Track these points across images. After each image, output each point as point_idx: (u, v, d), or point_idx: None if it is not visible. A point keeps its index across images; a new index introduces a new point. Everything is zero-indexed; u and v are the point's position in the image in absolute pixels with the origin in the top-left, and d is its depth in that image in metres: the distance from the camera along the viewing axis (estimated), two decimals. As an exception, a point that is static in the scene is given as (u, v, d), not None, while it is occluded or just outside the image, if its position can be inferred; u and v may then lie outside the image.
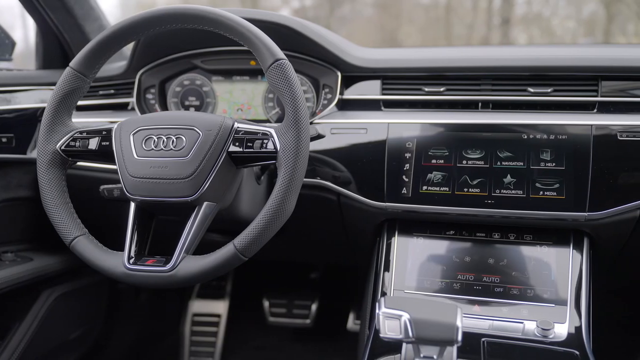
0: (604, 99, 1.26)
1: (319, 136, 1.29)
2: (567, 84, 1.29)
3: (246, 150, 1.06)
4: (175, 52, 1.51)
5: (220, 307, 2.23)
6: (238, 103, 1.51)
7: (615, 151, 1.18)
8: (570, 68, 1.28)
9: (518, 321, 1.12)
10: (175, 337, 2.21)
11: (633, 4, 9.78)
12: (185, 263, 1.02)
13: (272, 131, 1.05)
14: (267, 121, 1.48)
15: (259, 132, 1.06)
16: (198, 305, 2.24)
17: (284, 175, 1.00)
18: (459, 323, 0.89)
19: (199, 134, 1.06)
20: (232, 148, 1.06)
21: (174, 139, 1.06)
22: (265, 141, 1.05)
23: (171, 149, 1.06)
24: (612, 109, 1.25)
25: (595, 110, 1.26)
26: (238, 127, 1.07)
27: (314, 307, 2.17)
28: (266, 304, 2.20)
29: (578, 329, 1.10)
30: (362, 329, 1.35)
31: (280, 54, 1.04)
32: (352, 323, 2.11)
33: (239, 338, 2.21)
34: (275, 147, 1.03)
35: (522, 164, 1.21)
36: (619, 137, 1.19)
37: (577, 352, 1.03)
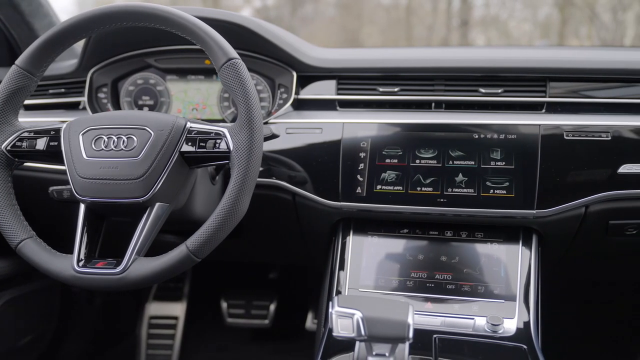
0: (551, 99, 1.29)
1: (273, 136, 1.29)
2: (516, 84, 1.32)
3: (199, 150, 1.05)
4: (128, 50, 1.48)
5: (177, 309, 2.20)
6: (193, 102, 1.49)
7: (561, 150, 1.22)
8: (519, 69, 1.31)
9: (469, 317, 1.15)
10: (132, 341, 2.17)
11: (585, 8, 10.09)
12: (137, 265, 1.00)
13: (225, 131, 1.04)
14: (223, 121, 1.47)
15: (212, 132, 1.05)
16: (155, 308, 2.21)
17: (236, 176, 1.00)
18: (410, 320, 0.90)
19: (151, 134, 1.04)
20: (185, 148, 1.05)
21: (125, 139, 1.05)
22: (218, 141, 1.04)
23: (122, 149, 1.04)
24: (559, 109, 1.29)
25: (543, 111, 1.29)
26: (191, 127, 1.06)
27: (272, 307, 2.16)
28: (224, 305, 2.19)
29: (526, 324, 1.13)
30: (318, 328, 1.36)
31: (233, 53, 1.04)
32: (310, 322, 2.12)
33: (196, 340, 2.18)
34: (228, 147, 1.03)
35: (473, 163, 1.24)
36: (565, 137, 1.22)
37: (525, 347, 1.05)
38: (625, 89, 1.31)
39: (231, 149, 1.02)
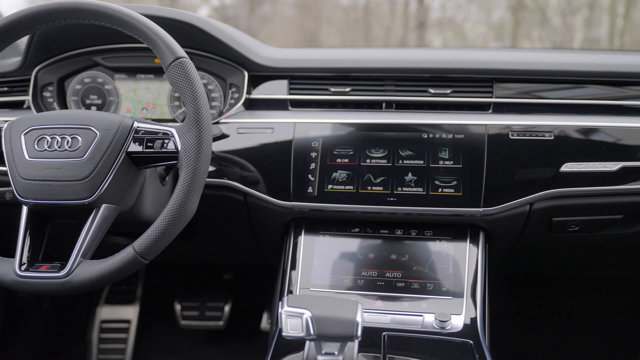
0: (498, 100, 1.33)
1: (223, 136, 1.28)
2: (464, 85, 1.35)
3: (146, 150, 1.04)
4: (74, 48, 1.44)
5: (130, 313, 2.16)
6: (143, 102, 1.47)
7: (507, 150, 1.25)
8: (466, 70, 1.34)
9: (418, 314, 1.16)
10: (82, 346, 2.11)
11: (536, 12, 10.38)
12: (82, 268, 0.98)
13: (173, 131, 1.03)
14: (174, 121, 1.45)
15: (160, 132, 1.04)
16: (106, 312, 2.16)
17: (185, 176, 0.99)
18: (358, 319, 0.91)
19: (96, 134, 1.02)
20: (132, 148, 1.04)
21: (69, 139, 1.02)
22: (166, 141, 1.03)
23: (66, 150, 1.02)
24: (505, 110, 1.32)
25: (490, 111, 1.32)
26: (138, 127, 1.05)
27: (226, 308, 2.15)
28: (178, 307, 2.16)
29: (473, 320, 1.15)
30: (271, 328, 1.36)
31: (180, 52, 1.03)
32: (265, 323, 2.11)
33: (150, 343, 2.15)
34: (176, 147, 1.02)
35: (422, 162, 1.26)
36: (510, 137, 1.26)
37: (472, 342, 1.08)
38: (569, 90, 1.35)
39: (179, 149, 1.01)
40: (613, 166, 1.24)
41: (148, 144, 1.04)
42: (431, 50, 1.58)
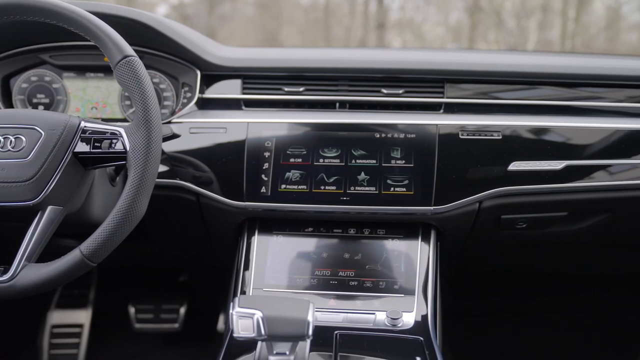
0: (449, 100, 1.35)
1: (174, 135, 1.27)
2: (416, 85, 1.37)
3: (94, 150, 1.02)
4: (20, 45, 1.40)
5: (82, 317, 2.10)
6: (92, 101, 1.43)
7: (457, 149, 1.27)
8: (418, 71, 1.36)
9: (370, 312, 1.17)
10: (32, 352, 2.05)
11: (492, 14, 10.61)
12: (27, 272, 0.95)
13: (122, 130, 1.02)
14: (125, 120, 1.43)
15: (108, 132, 1.02)
16: (58, 316, 2.10)
17: (133, 176, 0.97)
18: (310, 318, 0.91)
19: (41, 134, 1.00)
20: (79, 148, 1.02)
21: (12, 139, 1.00)
22: (114, 141, 1.02)
23: (9, 150, 0.99)
24: (456, 110, 1.35)
25: (441, 111, 1.35)
26: (85, 127, 1.03)
27: (182, 310, 2.12)
28: (132, 310, 2.12)
29: (424, 317, 1.17)
30: (226, 329, 1.35)
31: (129, 50, 1.01)
32: (222, 324, 2.09)
33: (103, 348, 2.10)
34: (124, 147, 1.00)
35: (374, 161, 1.27)
36: (460, 136, 1.28)
37: (422, 338, 1.09)
38: (520, 91, 1.39)
39: (127, 149, 1.00)
40: (558, 165, 1.28)
41: (95, 144, 1.02)
42: (384, 50, 1.60)
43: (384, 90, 1.36)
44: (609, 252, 1.67)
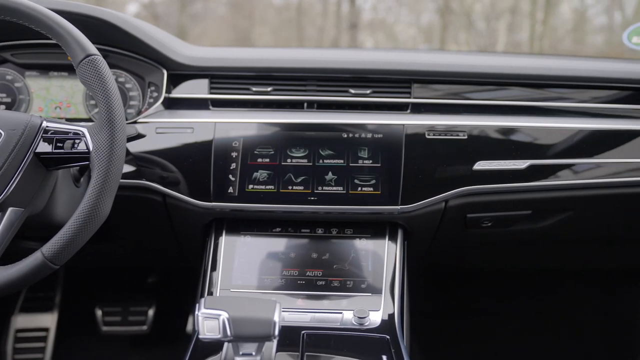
0: (415, 100, 1.36)
1: (139, 136, 1.25)
2: (384, 86, 1.38)
3: (56, 151, 1.00)
4: (-21, 43, 1.37)
5: (48, 320, 2.06)
6: (56, 101, 1.41)
7: (423, 149, 1.28)
8: (385, 71, 1.37)
9: (337, 312, 1.18)
10: (-5, 358, 2.01)
11: (463, 16, 10.74)
12: (-15, 275, 0.93)
13: (85, 130, 1.00)
14: (90, 120, 1.40)
15: (71, 132, 1.01)
16: (22, 320, 2.05)
17: (96, 177, 0.96)
18: (276, 318, 0.91)
19: (1, 134, 0.97)
20: (41, 149, 1.00)
21: None
22: (77, 141, 1.00)
23: None
24: (423, 110, 1.36)
25: (408, 111, 1.36)
26: (47, 126, 1.01)
27: (150, 312, 2.09)
28: (99, 312, 2.08)
29: (391, 316, 1.18)
30: (194, 331, 1.34)
31: (92, 49, 0.99)
32: (191, 326, 2.08)
33: (69, 352, 2.06)
34: (87, 148, 0.99)
35: (342, 161, 1.27)
36: (426, 136, 1.29)
37: (388, 337, 1.10)
38: (486, 92, 1.41)
39: (91, 149, 0.98)
40: (522, 164, 1.30)
41: (58, 144, 1.00)
42: (352, 51, 1.61)
43: (352, 91, 1.37)
44: (572, 250, 1.71)
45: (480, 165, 1.29)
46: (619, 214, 1.49)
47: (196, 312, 0.91)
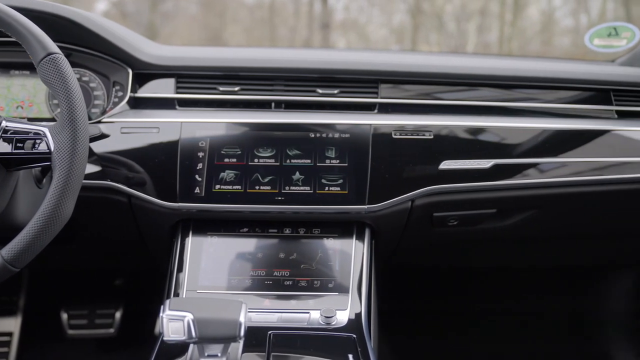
0: (383, 100, 1.37)
1: (102, 135, 1.24)
2: (351, 86, 1.38)
3: (16, 151, 0.98)
4: None
5: (11, 325, 2.01)
6: (17, 100, 1.38)
7: (389, 149, 1.29)
8: (352, 71, 1.38)
9: (304, 312, 1.18)
10: (-44, 364, 1.96)
11: (434, 17, 10.85)
12: (-57, 278, 0.91)
13: (46, 130, 0.98)
14: (53, 120, 1.38)
15: (31, 132, 0.99)
16: (-16, 325, 2.01)
17: (58, 178, 0.94)
18: (242, 319, 0.91)
19: None
20: (0, 149, 0.97)
21: None
22: (38, 141, 0.98)
23: None
24: (390, 110, 1.37)
25: (375, 111, 1.37)
26: (7, 126, 0.99)
27: (118, 314, 2.06)
28: (64, 316, 2.04)
29: (358, 315, 1.18)
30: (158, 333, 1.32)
31: (53, 47, 0.98)
32: (159, 328, 2.05)
33: (34, 357, 2.01)
34: (49, 148, 0.97)
35: (309, 161, 1.27)
36: (393, 136, 1.30)
37: (355, 336, 1.10)
38: (453, 93, 1.42)
39: (52, 149, 0.96)
40: (486, 163, 1.32)
41: (18, 144, 0.98)
42: (320, 51, 1.61)
43: (320, 91, 1.37)
44: (538, 247, 1.74)
45: (445, 165, 1.30)
46: (582, 211, 1.53)
47: (161, 314, 0.91)
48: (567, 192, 1.41)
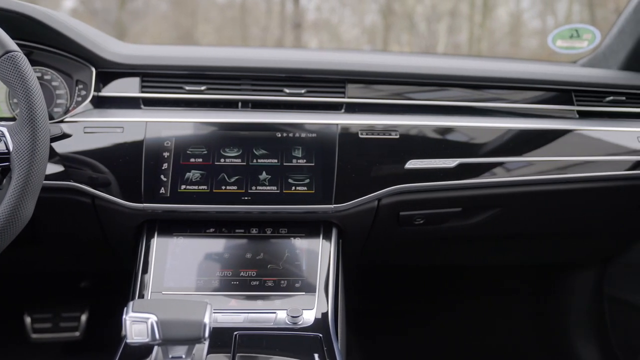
0: (350, 100, 1.38)
1: (64, 135, 1.22)
2: (319, 85, 1.38)
3: None
4: None
5: (-28, 330, 1.97)
6: (-24, 99, 1.34)
7: (356, 148, 1.30)
8: (319, 71, 1.38)
9: (271, 312, 1.17)
10: None
11: (405, 17, 10.94)
12: None
13: (4, 130, 0.96)
14: (13, 119, 1.35)
15: None
16: (-56, 330, 1.95)
17: (17, 179, 0.93)
18: (206, 320, 0.90)
19: None
20: None
21: None
22: None
23: None
24: (356, 110, 1.38)
25: (342, 111, 1.37)
26: None
27: (83, 317, 2.02)
28: (28, 320, 2.00)
29: (325, 314, 1.18)
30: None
31: (11, 45, 0.96)
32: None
33: None
34: (7, 148, 0.95)
35: (276, 161, 1.27)
36: (360, 135, 1.31)
37: (321, 335, 1.11)
38: (421, 93, 1.44)
39: (10, 149, 0.95)
40: (452, 163, 1.33)
41: None
42: (288, 50, 1.61)
43: (287, 90, 1.37)
44: (503, 245, 1.77)
45: (411, 164, 1.31)
46: (545, 210, 1.56)
47: (124, 316, 0.89)
48: (531, 190, 1.43)
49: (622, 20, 1.62)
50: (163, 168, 1.25)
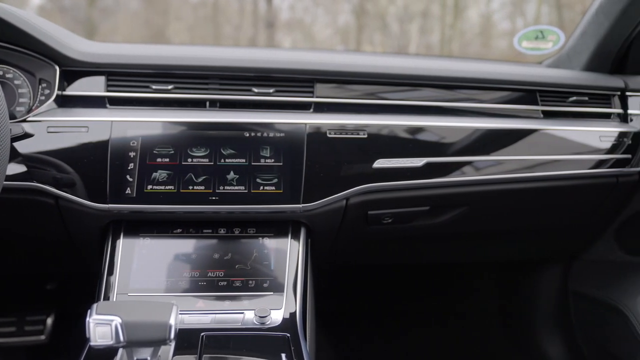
0: (318, 99, 1.38)
1: (26, 135, 1.19)
2: (287, 85, 1.38)
3: None
4: None
5: None
6: None
7: (324, 147, 1.30)
8: (288, 70, 1.38)
9: (239, 312, 1.17)
10: None
11: (377, 18, 10.99)
12: None
13: None
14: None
15: None
16: None
17: None
18: (172, 321, 0.89)
19: None
20: None
21: None
22: None
23: None
24: (325, 109, 1.38)
25: (311, 110, 1.37)
26: None
27: (49, 320, 1.98)
28: None
29: (292, 314, 1.18)
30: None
31: None
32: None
33: None
34: None
35: (244, 160, 1.27)
36: (328, 135, 1.31)
37: (289, 335, 1.11)
38: (391, 93, 1.45)
39: None
40: (419, 162, 1.35)
41: None
42: (257, 50, 1.60)
43: (255, 90, 1.36)
44: (471, 243, 1.79)
45: (379, 164, 1.32)
46: (511, 208, 1.58)
47: (87, 319, 0.88)
48: (497, 189, 1.45)
49: (585, 22, 1.66)
50: (129, 168, 1.23)
